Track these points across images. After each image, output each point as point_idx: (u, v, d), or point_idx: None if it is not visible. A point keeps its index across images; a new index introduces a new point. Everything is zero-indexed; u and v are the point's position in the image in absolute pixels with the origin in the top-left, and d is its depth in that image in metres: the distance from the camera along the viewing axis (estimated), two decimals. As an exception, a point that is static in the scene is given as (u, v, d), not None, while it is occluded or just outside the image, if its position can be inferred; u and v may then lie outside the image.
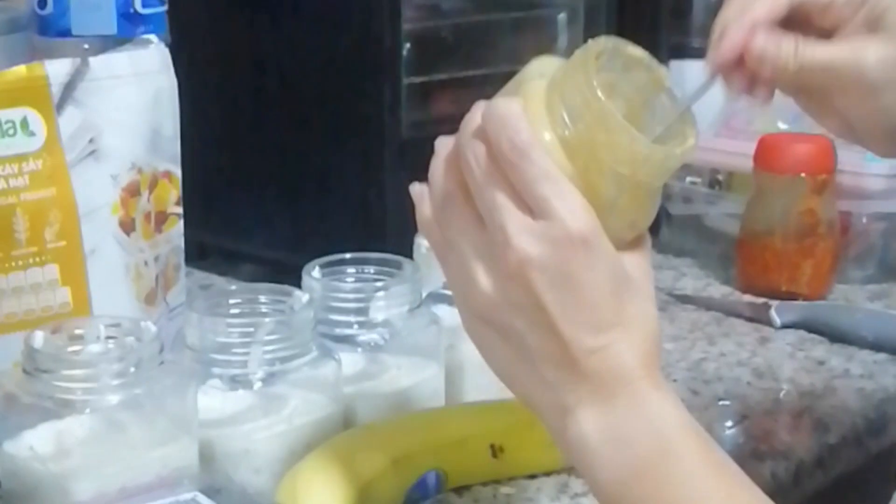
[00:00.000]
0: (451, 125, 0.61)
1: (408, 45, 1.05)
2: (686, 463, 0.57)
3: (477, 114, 0.58)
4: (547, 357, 0.57)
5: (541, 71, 0.60)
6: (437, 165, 0.60)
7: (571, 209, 0.56)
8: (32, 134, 0.76)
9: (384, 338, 0.81)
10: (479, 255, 0.58)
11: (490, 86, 0.63)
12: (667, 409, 0.58)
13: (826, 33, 0.68)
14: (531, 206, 0.56)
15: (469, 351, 0.84)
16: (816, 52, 0.67)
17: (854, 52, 0.67)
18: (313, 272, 0.83)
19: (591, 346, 0.57)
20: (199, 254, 1.12)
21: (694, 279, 1.19)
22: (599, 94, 0.57)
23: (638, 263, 0.59)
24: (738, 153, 1.16)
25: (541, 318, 0.57)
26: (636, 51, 0.61)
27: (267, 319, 0.76)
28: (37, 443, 0.68)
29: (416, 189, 0.62)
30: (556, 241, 0.56)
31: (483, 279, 0.58)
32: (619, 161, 0.57)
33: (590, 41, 0.59)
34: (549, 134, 0.57)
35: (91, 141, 0.78)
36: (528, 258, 0.56)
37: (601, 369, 0.57)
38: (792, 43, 0.67)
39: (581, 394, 0.57)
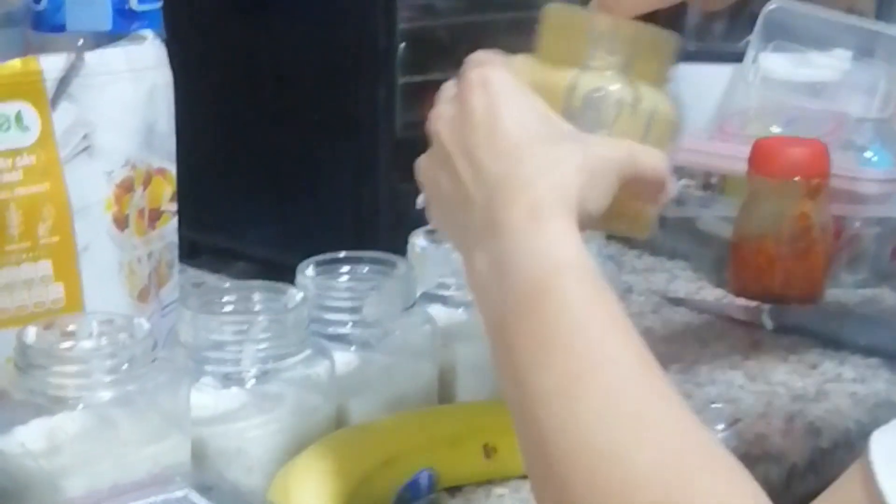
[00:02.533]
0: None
1: (403, 45, 1.05)
2: (560, 301, 0.56)
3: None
4: (462, 184, 0.62)
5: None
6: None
7: (483, 68, 0.64)
8: (26, 129, 0.76)
9: (377, 337, 0.81)
10: (445, 95, 0.67)
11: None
12: (548, 244, 0.57)
13: None
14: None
15: (462, 350, 0.84)
16: None
17: None
18: (307, 270, 0.83)
19: (488, 171, 0.61)
20: (192, 252, 1.12)
21: (687, 282, 1.19)
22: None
23: (610, 145, 0.63)
24: (732, 156, 1.16)
25: (448, 164, 0.63)
26: None
27: (260, 317, 0.76)
28: (28, 439, 0.68)
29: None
30: (472, 78, 0.63)
31: (440, 107, 0.66)
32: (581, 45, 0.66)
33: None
34: (521, 56, 0.67)
35: (85, 137, 0.78)
36: (439, 114, 0.65)
37: (489, 199, 0.60)
38: None
39: (477, 229, 0.60)
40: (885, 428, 0.51)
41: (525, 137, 0.61)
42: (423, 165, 0.67)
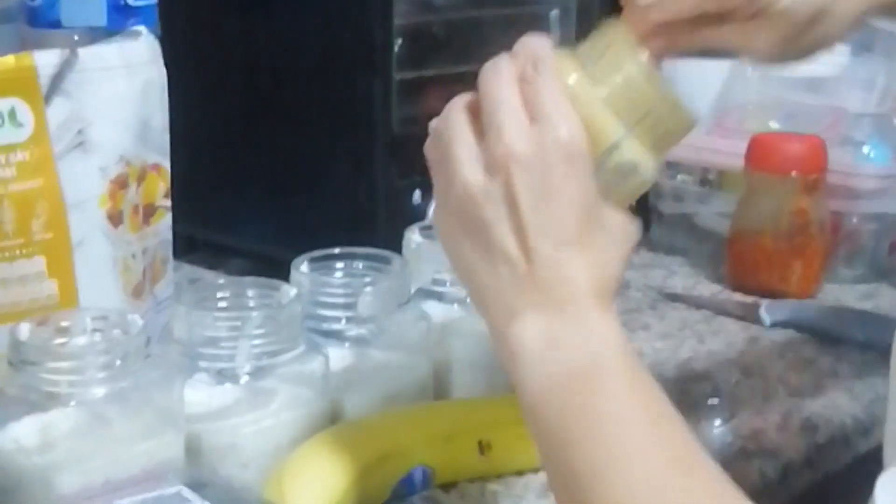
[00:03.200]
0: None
1: (399, 41, 1.05)
2: (616, 382, 0.58)
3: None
4: (506, 254, 0.59)
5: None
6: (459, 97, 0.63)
7: (565, 119, 0.59)
8: (20, 124, 0.76)
9: (372, 333, 0.81)
10: (469, 151, 0.60)
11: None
12: (608, 332, 0.59)
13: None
14: (532, 114, 0.60)
15: (458, 347, 0.84)
16: (713, 35, 0.68)
17: (745, 39, 0.68)
18: (302, 267, 0.83)
19: (549, 256, 0.59)
20: (188, 248, 1.12)
21: (684, 277, 1.19)
22: (634, 46, 0.63)
23: (620, 220, 0.62)
24: (730, 152, 1.16)
25: (511, 213, 0.59)
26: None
27: (254, 313, 0.76)
28: (22, 435, 0.68)
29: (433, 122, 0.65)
30: (543, 143, 0.59)
31: (468, 170, 0.60)
32: (641, 104, 0.62)
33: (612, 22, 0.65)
34: (575, 75, 0.62)
35: (79, 132, 0.78)
36: (514, 153, 0.59)
37: (553, 280, 0.59)
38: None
39: (529, 298, 0.59)
40: (892, 472, 0.51)
41: (585, 224, 0.59)
42: (460, 193, 0.61)
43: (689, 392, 0.93)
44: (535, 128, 0.59)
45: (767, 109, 1.21)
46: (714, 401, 0.93)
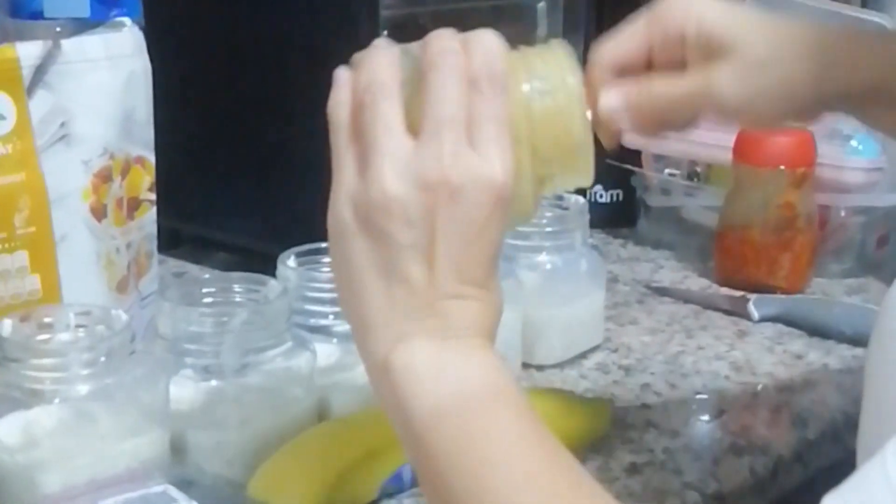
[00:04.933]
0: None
1: (385, 32, 1.04)
2: (510, 409, 0.56)
3: (451, 34, 0.59)
4: (408, 281, 0.56)
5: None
6: (380, 55, 0.59)
7: (504, 162, 0.56)
8: (2, 117, 0.75)
9: (360, 328, 0.80)
10: (396, 156, 0.56)
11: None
12: (502, 369, 0.57)
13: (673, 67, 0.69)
14: (472, 136, 0.56)
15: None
16: (675, 86, 0.68)
17: (705, 80, 0.68)
18: (288, 261, 0.82)
19: (455, 292, 0.56)
20: (172, 241, 1.11)
21: (671, 271, 1.18)
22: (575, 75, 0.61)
23: None
24: (718, 145, 1.15)
25: (426, 243, 0.56)
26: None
27: (240, 309, 0.75)
28: (4, 433, 0.67)
29: (342, 73, 0.60)
30: (479, 180, 0.56)
31: (389, 179, 0.56)
32: (565, 141, 0.60)
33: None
34: (520, 90, 0.59)
35: (62, 125, 0.77)
36: (448, 180, 0.55)
37: (453, 314, 0.56)
38: (635, 90, 0.68)
39: (422, 325, 0.56)
40: (837, 492, 0.51)
41: (493, 267, 0.58)
42: (375, 197, 0.56)
43: (677, 387, 0.93)
44: (474, 156, 0.56)
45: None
46: (703, 396, 0.92)
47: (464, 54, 0.57)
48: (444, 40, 0.58)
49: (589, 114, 0.62)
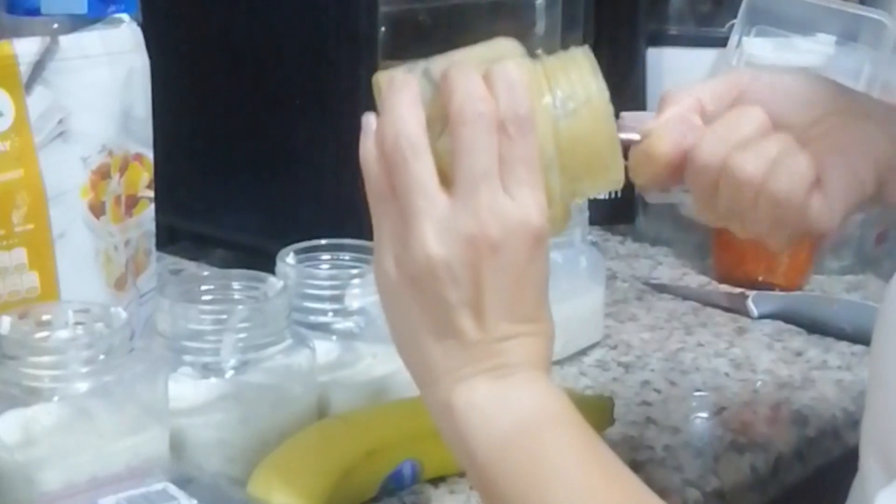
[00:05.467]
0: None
1: (383, 29, 1.04)
2: (569, 436, 0.58)
3: (473, 74, 0.58)
4: (462, 334, 0.58)
5: (513, 51, 0.61)
6: (403, 100, 0.58)
7: (538, 202, 0.58)
8: (0, 114, 0.74)
9: (359, 326, 0.80)
10: (434, 216, 0.57)
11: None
12: (557, 394, 0.59)
13: None
14: (504, 180, 0.57)
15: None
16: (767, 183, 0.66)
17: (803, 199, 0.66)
18: (287, 258, 0.82)
19: (506, 333, 0.58)
20: (170, 238, 1.10)
21: (670, 268, 1.18)
22: (598, 84, 0.60)
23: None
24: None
25: (474, 297, 0.58)
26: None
27: (240, 306, 0.75)
28: (3, 431, 0.67)
29: (369, 121, 0.60)
30: (517, 228, 0.57)
31: (431, 242, 0.57)
32: (594, 159, 0.60)
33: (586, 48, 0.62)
34: (550, 102, 0.59)
35: (60, 122, 0.77)
36: (487, 234, 0.57)
37: (507, 353, 0.58)
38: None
39: (479, 367, 0.58)
40: (890, 490, 0.52)
41: (543, 300, 0.60)
42: (419, 261, 0.58)
43: (677, 384, 0.93)
44: (509, 205, 0.57)
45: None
46: (703, 393, 0.92)
47: (488, 97, 0.57)
48: (467, 85, 0.58)
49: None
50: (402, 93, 0.59)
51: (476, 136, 0.57)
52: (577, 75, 0.60)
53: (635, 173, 0.68)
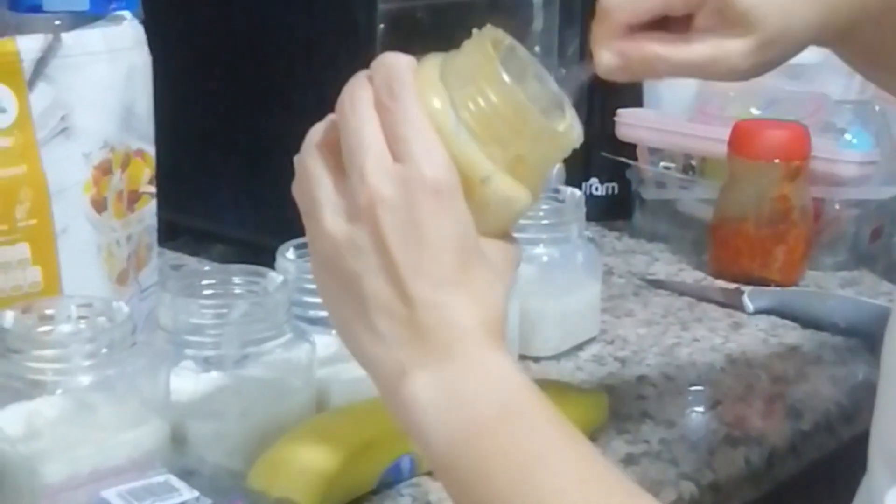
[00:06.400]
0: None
1: (382, 26, 1.04)
2: (528, 421, 0.56)
3: (361, 74, 0.59)
4: (383, 306, 0.56)
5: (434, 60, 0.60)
6: (312, 130, 0.60)
7: (429, 155, 0.56)
8: (3, 110, 0.75)
9: (358, 320, 0.80)
10: (330, 199, 0.57)
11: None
12: (505, 369, 0.57)
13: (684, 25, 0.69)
14: (393, 150, 0.56)
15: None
16: (680, 54, 0.68)
17: (715, 51, 0.68)
18: (287, 253, 0.82)
19: (428, 300, 0.56)
20: (171, 234, 1.11)
21: (666, 264, 1.19)
22: (501, 71, 0.57)
23: (500, 248, 0.59)
24: (712, 138, 1.16)
25: (382, 261, 0.56)
26: (524, 52, 0.61)
27: (240, 301, 0.76)
28: (6, 424, 0.67)
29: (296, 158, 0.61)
30: (408, 182, 0.55)
31: (330, 221, 0.57)
32: (509, 134, 0.57)
33: (485, 29, 0.59)
34: (439, 101, 0.57)
35: (63, 118, 0.77)
36: (379, 196, 0.55)
37: (437, 326, 0.56)
38: (637, 54, 0.68)
39: (415, 351, 0.56)
40: None
41: (463, 261, 0.56)
42: (327, 247, 0.57)
43: (673, 379, 0.93)
44: (399, 166, 0.56)
45: (749, 96, 1.21)
46: (698, 388, 0.93)
47: (364, 83, 0.58)
48: (350, 83, 0.58)
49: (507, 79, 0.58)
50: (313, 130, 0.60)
51: (349, 117, 0.57)
52: (477, 53, 0.58)
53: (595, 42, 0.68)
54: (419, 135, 0.56)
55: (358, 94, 0.58)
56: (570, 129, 0.60)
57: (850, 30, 0.70)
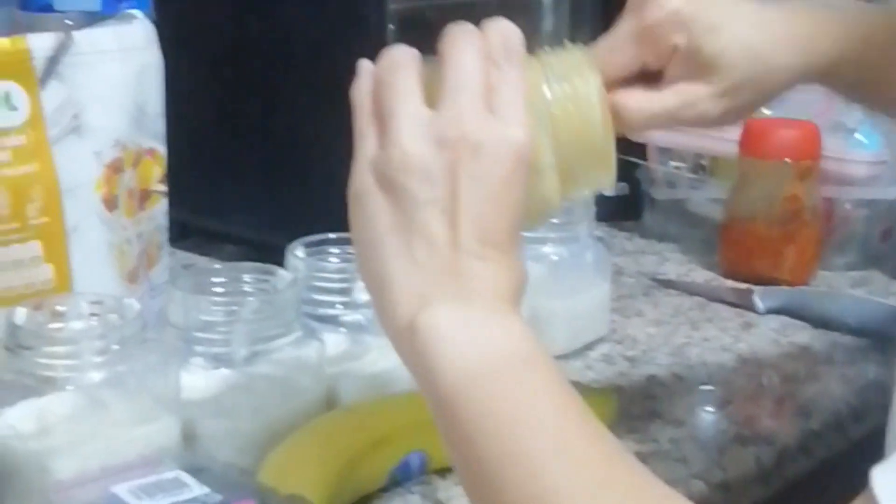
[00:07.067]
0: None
1: (392, 26, 1.04)
2: (544, 373, 0.55)
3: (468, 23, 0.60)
4: (430, 240, 0.56)
5: None
6: (401, 47, 0.60)
7: (524, 123, 0.57)
8: (15, 108, 0.75)
9: (368, 318, 0.81)
10: (416, 114, 0.57)
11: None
12: (527, 331, 0.57)
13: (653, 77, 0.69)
14: (493, 105, 0.57)
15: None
16: (652, 105, 0.68)
17: (683, 97, 0.68)
18: (297, 251, 0.83)
19: (477, 252, 0.56)
20: (180, 234, 1.11)
21: (677, 264, 1.19)
22: (595, 86, 0.61)
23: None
24: (723, 138, 1.16)
25: (447, 199, 0.56)
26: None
27: (250, 298, 0.76)
28: (17, 421, 0.68)
29: (364, 62, 0.61)
30: (499, 138, 0.56)
31: (407, 138, 0.56)
32: (575, 143, 0.61)
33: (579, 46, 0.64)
34: (538, 81, 0.60)
35: (75, 116, 0.78)
36: (469, 138, 0.56)
37: (475, 276, 0.56)
38: (626, 103, 0.68)
39: (446, 287, 0.56)
40: (885, 465, 0.51)
41: (515, 229, 0.58)
42: (394, 156, 0.56)
43: (683, 378, 0.93)
44: (493, 118, 0.57)
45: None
46: (709, 387, 0.93)
47: (479, 33, 0.59)
48: (461, 25, 0.59)
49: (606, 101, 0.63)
50: (400, 46, 0.60)
51: (462, 55, 0.57)
52: (570, 61, 0.62)
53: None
54: (518, 100, 0.57)
55: (469, 37, 0.58)
56: (613, 170, 0.63)
57: (833, 69, 0.71)
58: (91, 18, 0.83)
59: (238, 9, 1.09)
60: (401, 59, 0.59)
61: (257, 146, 1.10)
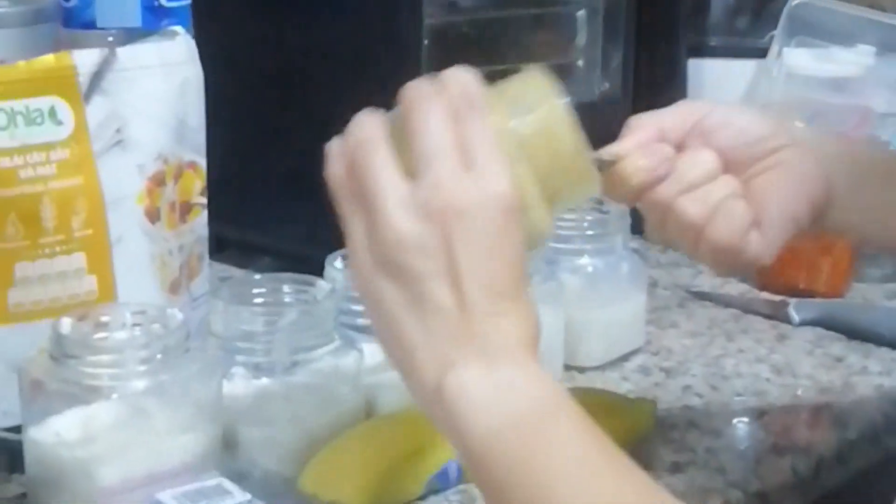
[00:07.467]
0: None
1: (427, 41, 1.05)
2: (573, 423, 0.57)
3: (424, 81, 0.61)
4: (441, 309, 0.57)
5: (543, 81, 0.63)
6: (363, 118, 0.61)
7: (502, 173, 0.58)
8: (60, 123, 0.77)
9: (406, 329, 0.81)
10: (397, 193, 0.58)
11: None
12: (549, 379, 0.58)
13: None
14: (468, 162, 0.58)
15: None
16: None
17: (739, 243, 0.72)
18: (336, 262, 0.84)
19: (487, 309, 0.57)
20: (218, 246, 1.12)
21: (711, 276, 1.18)
22: (563, 108, 0.61)
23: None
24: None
25: (448, 267, 0.57)
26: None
27: (290, 309, 0.77)
28: (63, 429, 0.69)
29: (332, 144, 0.62)
30: (482, 195, 0.57)
31: (396, 215, 0.57)
32: (556, 168, 0.61)
33: (534, 68, 0.63)
34: (506, 123, 0.60)
35: (118, 130, 0.79)
36: (455, 204, 0.57)
37: (491, 332, 0.57)
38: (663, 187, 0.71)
39: (465, 349, 0.57)
40: None
41: (519, 277, 0.59)
42: (388, 238, 0.58)
43: (718, 389, 0.94)
44: (472, 177, 0.57)
45: (793, 109, 1.21)
46: (743, 398, 0.93)
47: (438, 90, 0.59)
48: (418, 85, 0.60)
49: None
50: (362, 117, 0.61)
51: (426, 118, 0.58)
52: (531, 84, 0.62)
53: (607, 190, 0.70)
54: (493, 151, 0.58)
55: (430, 98, 0.59)
56: (597, 181, 0.64)
57: (819, 217, 0.74)
58: (133, 35, 0.84)
59: (276, 26, 1.10)
60: (368, 135, 0.60)
61: (295, 159, 1.10)
